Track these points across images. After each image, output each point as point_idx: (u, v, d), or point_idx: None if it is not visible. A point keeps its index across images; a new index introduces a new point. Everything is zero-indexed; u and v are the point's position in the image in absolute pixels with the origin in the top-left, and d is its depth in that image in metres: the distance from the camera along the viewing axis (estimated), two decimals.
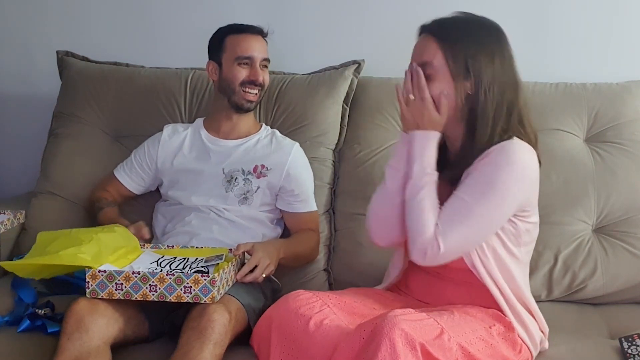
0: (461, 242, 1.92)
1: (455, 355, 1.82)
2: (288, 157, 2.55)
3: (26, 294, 2.32)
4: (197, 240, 2.42)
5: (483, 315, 1.98)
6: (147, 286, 2.06)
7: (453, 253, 1.92)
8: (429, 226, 1.91)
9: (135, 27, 3.10)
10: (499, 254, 1.99)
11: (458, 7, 2.92)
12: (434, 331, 1.82)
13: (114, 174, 2.66)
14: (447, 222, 1.90)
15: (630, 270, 2.50)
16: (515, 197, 1.92)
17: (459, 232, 1.90)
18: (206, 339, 2.00)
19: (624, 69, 2.80)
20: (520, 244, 2.02)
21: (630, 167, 2.59)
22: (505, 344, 1.96)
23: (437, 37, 1.96)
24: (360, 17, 2.98)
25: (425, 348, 1.77)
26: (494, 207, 1.90)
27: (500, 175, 1.90)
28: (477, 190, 1.90)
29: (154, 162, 2.60)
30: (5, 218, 2.50)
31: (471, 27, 1.97)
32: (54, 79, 2.94)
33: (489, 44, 1.96)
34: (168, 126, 2.67)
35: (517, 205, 1.95)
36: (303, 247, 2.53)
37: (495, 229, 1.96)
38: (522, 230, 2.01)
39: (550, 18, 2.91)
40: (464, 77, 1.94)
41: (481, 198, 1.89)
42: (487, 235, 1.95)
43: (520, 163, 1.92)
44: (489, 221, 1.92)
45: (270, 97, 2.76)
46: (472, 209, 1.89)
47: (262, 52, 2.53)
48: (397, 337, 1.75)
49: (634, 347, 2.08)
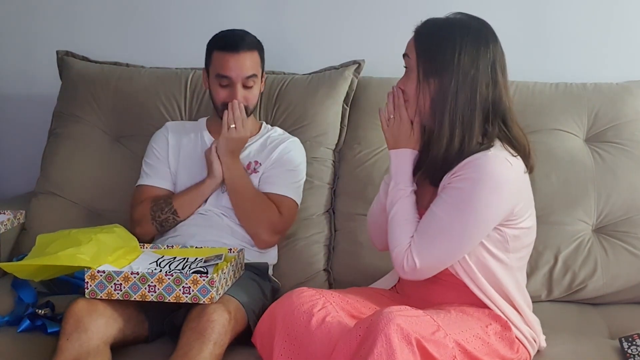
0: (437, 258, 1.93)
1: (452, 352, 1.82)
2: (278, 147, 2.53)
3: (26, 294, 2.32)
4: (196, 241, 2.42)
5: (479, 315, 1.98)
6: (146, 286, 2.06)
7: (430, 268, 1.95)
8: (401, 239, 1.95)
9: (135, 27, 3.10)
10: (482, 261, 1.98)
11: (458, 7, 2.93)
12: (430, 327, 1.83)
13: (142, 185, 2.55)
14: (422, 238, 1.93)
15: (630, 270, 2.50)
16: (493, 211, 1.90)
17: (434, 249, 1.92)
18: (206, 339, 2.00)
19: (624, 69, 2.80)
20: (508, 250, 2.00)
21: (630, 167, 2.58)
22: (502, 342, 1.96)
23: (416, 36, 1.97)
24: (360, 17, 2.97)
25: (421, 343, 1.77)
26: (471, 225, 1.90)
27: (474, 191, 1.88)
28: (453, 207, 1.90)
29: (165, 158, 2.57)
30: (5, 218, 2.50)
31: (452, 28, 1.94)
32: (54, 79, 2.94)
33: (468, 46, 1.91)
34: (171, 123, 2.65)
35: (496, 218, 1.93)
36: (259, 207, 2.44)
37: (475, 243, 1.94)
38: (510, 237, 1.98)
39: (551, 18, 2.91)
40: (433, 76, 1.92)
41: (457, 215, 1.89)
42: (466, 250, 1.94)
43: (495, 177, 1.88)
44: (467, 237, 1.92)
45: (270, 97, 2.76)
46: (448, 226, 1.90)
47: (244, 70, 2.44)
48: (392, 332, 1.75)
49: (634, 347, 2.08)
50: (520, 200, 1.96)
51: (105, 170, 2.74)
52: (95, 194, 2.73)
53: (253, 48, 2.47)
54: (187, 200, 2.47)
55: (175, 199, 2.48)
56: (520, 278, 2.09)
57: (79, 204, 2.72)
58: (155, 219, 2.47)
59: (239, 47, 2.44)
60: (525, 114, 2.66)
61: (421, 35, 1.96)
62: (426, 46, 1.94)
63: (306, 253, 2.60)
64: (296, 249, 2.60)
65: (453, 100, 1.90)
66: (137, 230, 2.47)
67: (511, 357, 1.97)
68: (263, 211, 2.44)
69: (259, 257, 2.48)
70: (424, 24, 1.97)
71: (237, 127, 2.42)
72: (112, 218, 2.56)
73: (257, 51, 2.48)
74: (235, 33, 2.50)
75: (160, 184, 2.54)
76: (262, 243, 2.46)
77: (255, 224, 2.45)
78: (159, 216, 2.47)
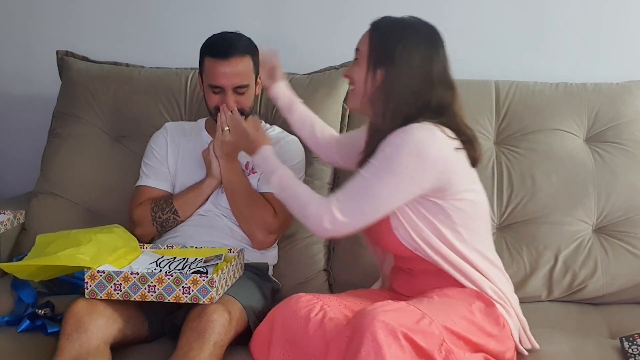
0: (358, 213, 1.99)
1: (439, 338, 1.84)
2: (276, 146, 2.51)
3: (26, 294, 2.32)
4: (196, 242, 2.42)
5: (462, 295, 2.02)
6: (146, 287, 2.06)
7: (351, 224, 2.00)
8: (311, 197, 2.06)
9: (135, 27, 3.10)
10: (431, 237, 2.02)
11: (457, 7, 2.94)
12: (414, 317, 1.85)
13: (141, 186, 2.53)
14: (345, 194, 2.01)
15: (631, 270, 2.51)
16: (411, 174, 1.96)
17: (355, 204, 1.99)
18: (206, 339, 2.00)
19: (624, 69, 2.80)
20: (456, 224, 2.03)
21: (630, 167, 2.59)
22: (487, 319, 1.99)
23: (372, 28, 2.10)
24: (360, 17, 2.96)
25: (408, 336, 1.80)
26: (390, 184, 1.96)
27: (395, 153, 1.96)
28: (375, 167, 1.98)
29: (165, 159, 2.57)
30: (5, 218, 2.50)
31: (403, 26, 2.06)
32: (54, 79, 2.94)
33: (413, 43, 2.03)
34: (171, 124, 2.65)
35: (418, 183, 1.98)
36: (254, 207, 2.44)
37: (394, 203, 2.00)
38: (453, 210, 2.02)
39: (551, 18, 2.91)
40: (380, 66, 2.04)
41: (377, 174, 1.97)
42: (386, 208, 2.00)
43: (415, 142, 1.96)
44: (386, 196, 1.98)
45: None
46: (368, 184, 1.98)
47: (235, 79, 2.40)
48: (377, 329, 1.77)
49: (635, 346, 2.08)
50: (449, 174, 2.01)
51: (105, 170, 2.74)
52: (95, 194, 2.73)
53: (244, 53, 2.43)
54: (188, 200, 2.47)
55: (175, 199, 2.48)
56: (488, 255, 2.10)
57: (79, 204, 2.72)
58: (155, 220, 2.47)
59: (228, 54, 2.40)
60: (525, 114, 2.67)
61: (377, 29, 2.08)
62: (380, 39, 2.06)
63: (306, 253, 2.60)
64: (296, 249, 2.60)
65: (395, 92, 2.02)
66: (137, 231, 2.46)
67: (498, 333, 2.00)
68: (258, 211, 2.44)
69: (259, 257, 2.48)
70: (381, 19, 2.09)
71: (231, 130, 2.41)
72: (111, 218, 2.55)
73: (249, 55, 2.43)
74: (226, 38, 2.45)
75: (159, 185, 2.53)
76: (257, 243, 2.46)
77: (250, 224, 2.45)
78: (160, 217, 2.47)
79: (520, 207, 2.59)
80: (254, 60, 2.45)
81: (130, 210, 2.52)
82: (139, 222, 2.49)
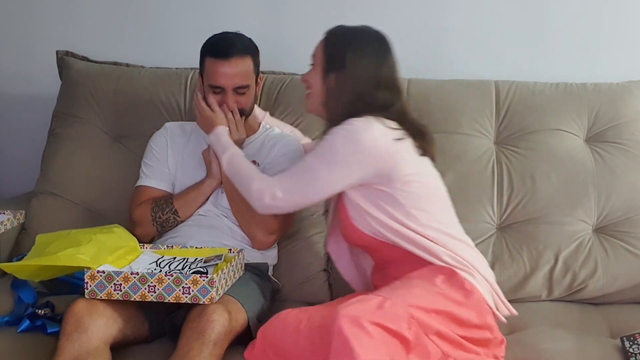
0: (297, 192, 2.17)
1: (405, 316, 1.88)
2: (275, 145, 2.53)
3: (26, 294, 2.32)
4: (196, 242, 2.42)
5: (424, 274, 2.08)
6: (146, 287, 2.07)
7: (291, 201, 2.18)
8: (256, 173, 2.24)
9: (135, 27, 3.10)
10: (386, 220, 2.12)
11: (458, 7, 2.94)
12: (375, 303, 1.90)
13: (141, 186, 2.53)
14: (288, 174, 2.20)
15: (631, 270, 2.51)
16: (347, 160, 2.10)
17: (295, 183, 2.17)
18: (206, 339, 2.00)
19: (624, 69, 2.81)
20: (405, 206, 2.12)
21: (630, 167, 2.59)
22: (452, 288, 2.04)
23: (327, 36, 2.24)
24: (360, 17, 2.97)
25: (374, 321, 1.83)
26: (326, 166, 2.12)
27: (334, 139, 2.12)
28: (317, 152, 2.16)
29: (165, 159, 2.57)
30: (5, 218, 2.50)
31: (354, 34, 2.21)
32: (54, 79, 2.94)
33: (363, 50, 2.18)
34: (171, 124, 2.65)
35: (355, 169, 2.10)
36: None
37: (333, 186, 2.14)
38: (400, 195, 2.12)
39: (551, 18, 2.91)
40: (332, 71, 2.18)
41: (318, 158, 2.14)
42: (324, 191, 2.15)
43: (352, 129, 2.10)
44: (323, 177, 2.13)
45: (270, 97, 2.76)
46: (309, 167, 2.15)
47: (235, 79, 2.41)
48: (342, 323, 1.82)
49: (636, 346, 2.08)
50: (391, 162, 2.11)
51: (105, 170, 2.74)
52: (95, 194, 2.73)
53: (245, 53, 2.43)
54: (188, 200, 2.47)
55: (175, 199, 2.48)
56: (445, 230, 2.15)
57: (78, 204, 2.72)
58: (155, 220, 2.47)
59: (229, 54, 2.39)
60: (525, 114, 2.67)
61: (330, 37, 2.23)
62: (333, 46, 2.21)
63: (306, 253, 2.60)
64: (296, 249, 2.60)
65: (346, 94, 2.16)
66: (137, 231, 2.46)
67: (464, 300, 2.03)
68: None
69: (259, 257, 2.48)
70: (335, 28, 2.24)
71: (231, 129, 2.42)
72: (111, 218, 2.55)
73: (249, 56, 2.43)
74: (227, 38, 2.45)
75: (159, 185, 2.53)
76: (258, 243, 2.46)
77: (250, 225, 2.44)
78: (160, 217, 2.47)
79: (520, 207, 2.59)
80: (255, 60, 2.46)
81: (130, 210, 2.51)
82: (139, 222, 2.48)
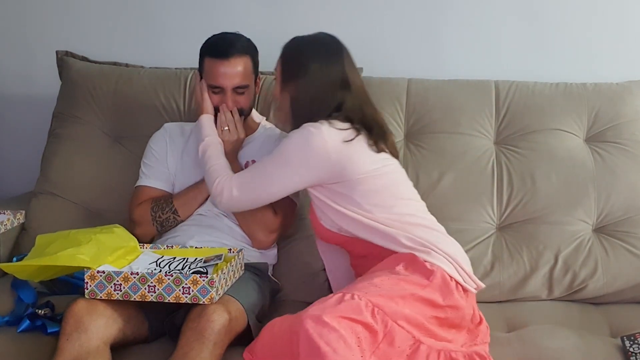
0: (252, 191, 2.27)
1: (365, 304, 1.92)
2: (273, 144, 2.53)
3: (26, 294, 2.32)
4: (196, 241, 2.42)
5: (384, 264, 2.13)
6: (146, 287, 2.07)
7: (245, 199, 2.28)
8: (222, 169, 2.32)
9: (135, 27, 3.10)
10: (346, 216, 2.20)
11: (457, 7, 2.94)
12: (335, 299, 1.95)
13: (141, 186, 2.54)
14: (245, 174, 2.31)
15: (631, 270, 2.51)
16: (299, 162, 2.20)
17: (251, 182, 2.27)
18: (206, 339, 2.01)
19: (624, 69, 2.81)
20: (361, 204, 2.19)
21: (630, 167, 2.59)
22: (414, 273, 2.07)
23: (283, 50, 2.32)
24: (360, 17, 2.97)
25: (335, 315, 1.87)
26: (279, 168, 2.22)
27: (286, 143, 2.22)
28: (272, 154, 2.26)
29: (164, 159, 2.57)
30: (5, 218, 2.50)
31: (306, 43, 2.29)
32: (54, 79, 2.94)
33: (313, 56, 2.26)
34: (170, 124, 2.65)
35: (306, 170, 2.20)
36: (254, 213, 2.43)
37: (286, 186, 2.25)
38: (355, 193, 2.20)
39: (551, 18, 2.91)
40: (290, 80, 2.27)
41: (271, 160, 2.24)
42: (277, 191, 2.26)
43: (303, 134, 2.19)
44: (276, 178, 2.23)
45: (270, 97, 2.75)
46: (263, 168, 2.26)
47: (235, 79, 2.41)
48: (306, 325, 1.86)
49: (636, 345, 2.09)
50: (342, 163, 2.19)
51: (105, 171, 2.74)
52: (94, 194, 2.73)
53: (244, 53, 2.43)
54: (188, 200, 2.47)
55: (175, 198, 2.48)
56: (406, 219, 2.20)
57: (78, 204, 2.72)
58: (155, 220, 2.47)
59: (228, 54, 2.40)
60: (525, 114, 2.67)
61: (286, 50, 2.31)
62: (288, 58, 2.30)
63: (306, 253, 2.59)
64: (296, 249, 2.60)
65: (306, 100, 2.24)
66: (137, 231, 2.46)
67: (426, 281, 2.05)
68: (258, 211, 2.42)
69: (259, 257, 2.48)
70: (290, 41, 2.32)
71: (231, 129, 2.43)
72: (111, 218, 2.55)
73: (248, 56, 2.44)
74: (226, 38, 2.46)
75: (159, 185, 2.53)
76: (258, 243, 2.46)
77: (250, 224, 2.45)
78: (160, 216, 2.47)
79: (520, 207, 2.59)
80: (254, 60, 2.46)
81: (130, 210, 2.52)
82: (139, 222, 2.49)
